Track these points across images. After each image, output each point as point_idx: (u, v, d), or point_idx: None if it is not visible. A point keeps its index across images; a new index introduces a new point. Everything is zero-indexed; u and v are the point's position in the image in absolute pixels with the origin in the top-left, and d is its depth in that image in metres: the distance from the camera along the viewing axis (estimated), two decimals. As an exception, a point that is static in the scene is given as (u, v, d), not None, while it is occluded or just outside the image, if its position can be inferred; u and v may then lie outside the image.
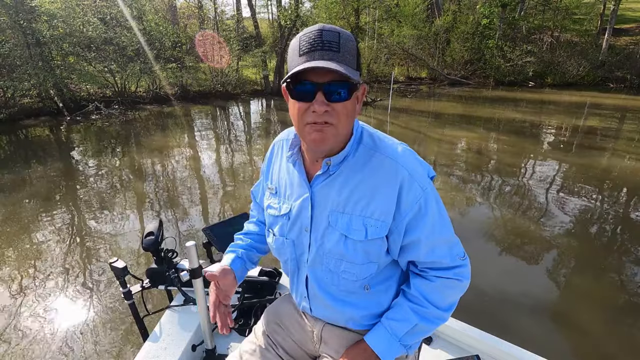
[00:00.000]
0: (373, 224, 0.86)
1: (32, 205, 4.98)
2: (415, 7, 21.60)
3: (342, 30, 0.76)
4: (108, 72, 13.41)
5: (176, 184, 5.79)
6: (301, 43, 0.76)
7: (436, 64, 21.93)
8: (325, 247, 0.92)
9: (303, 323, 1.13)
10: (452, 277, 0.92)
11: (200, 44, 15.73)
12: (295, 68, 0.74)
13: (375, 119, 10.98)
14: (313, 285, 1.00)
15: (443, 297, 0.94)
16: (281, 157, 1.02)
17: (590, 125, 10.15)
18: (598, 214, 4.65)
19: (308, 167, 0.93)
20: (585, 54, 19.88)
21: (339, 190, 0.88)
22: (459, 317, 1.46)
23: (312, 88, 0.75)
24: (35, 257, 3.70)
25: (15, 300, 3.04)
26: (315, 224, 0.92)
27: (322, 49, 0.73)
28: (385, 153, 0.87)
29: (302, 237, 0.96)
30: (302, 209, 0.93)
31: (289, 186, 0.97)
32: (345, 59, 0.75)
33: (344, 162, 0.88)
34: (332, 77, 0.74)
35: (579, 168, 6.49)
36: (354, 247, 0.88)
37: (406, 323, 0.94)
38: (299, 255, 1.00)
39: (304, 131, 0.81)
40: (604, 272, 3.45)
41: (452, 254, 0.92)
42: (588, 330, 2.73)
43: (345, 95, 0.76)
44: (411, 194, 0.85)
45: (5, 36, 11.01)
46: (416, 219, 0.86)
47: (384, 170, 0.86)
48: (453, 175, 6.17)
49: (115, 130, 10.05)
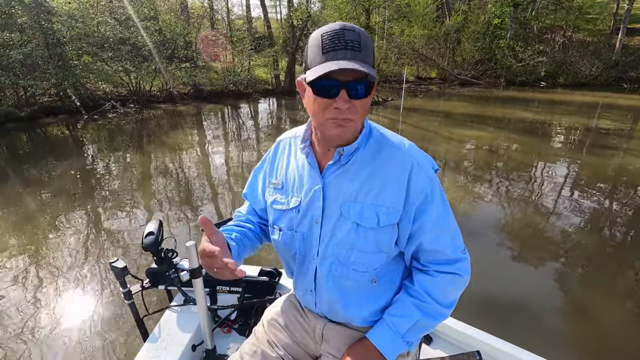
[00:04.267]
0: (385, 211, 0.89)
1: (47, 199, 5.14)
2: (426, 7, 21.56)
3: (361, 30, 0.80)
4: (123, 71, 13.69)
5: (184, 183, 5.87)
6: (324, 41, 0.78)
7: (446, 64, 21.88)
8: (336, 237, 0.93)
9: (304, 322, 1.13)
10: (454, 271, 0.94)
11: (207, 43, 15.95)
12: (321, 65, 0.77)
13: (387, 119, 11.04)
14: (321, 279, 1.00)
15: (445, 293, 0.96)
16: (289, 154, 1.04)
17: (603, 126, 10.09)
18: (611, 214, 4.68)
19: (319, 160, 0.96)
20: (599, 54, 19.65)
21: (351, 181, 0.91)
22: (461, 316, 1.48)
23: (336, 85, 0.78)
24: (38, 249, 3.76)
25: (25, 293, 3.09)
26: (327, 215, 0.94)
27: (345, 49, 0.77)
28: (394, 145, 0.93)
29: (312, 229, 0.97)
30: (313, 200, 0.95)
31: (299, 179, 0.98)
32: (366, 57, 0.78)
33: (355, 153, 0.91)
34: (354, 76, 0.78)
35: (591, 168, 6.49)
36: (365, 235, 0.90)
37: (408, 319, 0.95)
38: (308, 248, 1.00)
39: (325, 125, 0.84)
40: (620, 272, 3.46)
41: (454, 245, 0.95)
42: (602, 332, 2.72)
43: (365, 92, 0.81)
44: (419, 183, 0.89)
45: (27, 36, 11.31)
46: (423, 206, 0.90)
47: (393, 160, 0.91)
48: (464, 173, 6.23)
49: (132, 128, 10.28)
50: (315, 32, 0.82)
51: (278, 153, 1.07)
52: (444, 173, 6.19)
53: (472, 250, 0.99)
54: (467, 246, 0.99)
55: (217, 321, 1.66)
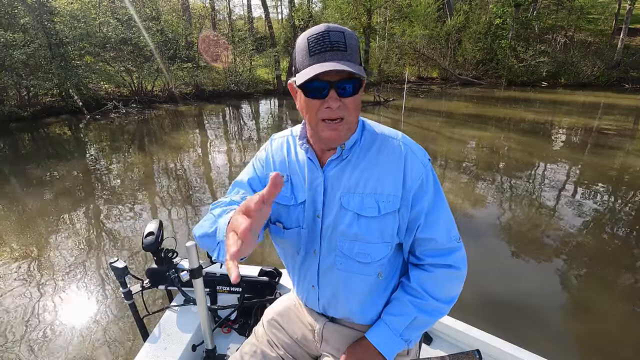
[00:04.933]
0: (384, 199, 0.91)
1: (49, 199, 5.18)
2: (427, 7, 21.58)
3: (345, 29, 0.83)
4: (125, 71, 13.72)
5: (185, 183, 5.89)
6: (310, 44, 0.81)
7: (448, 64, 21.88)
8: (338, 230, 0.94)
9: (304, 322, 1.14)
10: (449, 263, 0.95)
11: (207, 44, 15.98)
12: (310, 69, 0.79)
13: (389, 119, 11.05)
14: (324, 273, 1.00)
15: (441, 288, 0.96)
16: (288, 151, 1.04)
17: (604, 126, 10.08)
18: (613, 213, 4.69)
19: (319, 155, 0.97)
20: (600, 54, 19.65)
21: (350, 173, 0.93)
22: (460, 314, 1.48)
23: (325, 86, 0.81)
24: (39, 248, 3.80)
25: (27, 290, 3.13)
26: (327, 209, 0.95)
27: (331, 50, 0.79)
28: (388, 136, 0.96)
29: (315, 224, 0.97)
30: (315, 194, 0.96)
31: (301, 175, 0.99)
32: (352, 56, 0.81)
33: (354, 147, 0.94)
34: (342, 75, 0.80)
35: (594, 167, 6.49)
36: (367, 224, 0.91)
37: (405, 317, 0.96)
38: (311, 243, 1.00)
39: (318, 127, 0.86)
40: (623, 271, 3.47)
41: (449, 232, 0.96)
42: (603, 331, 2.73)
43: (354, 90, 0.83)
44: (415, 170, 0.92)
45: (30, 37, 11.36)
46: (419, 192, 0.92)
47: (388, 149, 0.93)
48: (466, 172, 6.24)
49: (134, 128, 10.31)
50: (302, 35, 0.84)
51: (274, 147, 1.07)
52: (445, 172, 6.20)
53: (473, 248, 1.01)
54: (468, 245, 0.99)
55: (217, 321, 1.67)
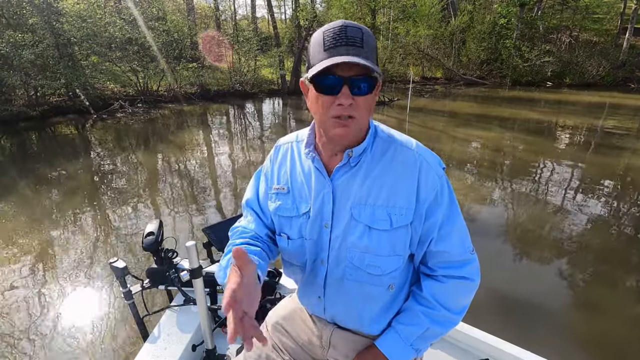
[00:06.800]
0: (397, 212, 0.87)
1: (55, 197, 5.25)
2: (431, 7, 21.57)
3: (363, 27, 0.79)
4: (131, 71, 13.83)
5: (189, 182, 5.92)
6: (325, 38, 0.77)
7: (452, 64, 21.87)
8: (347, 242, 0.90)
9: (311, 327, 1.10)
10: (463, 275, 0.92)
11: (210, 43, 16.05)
12: (322, 62, 0.75)
13: (394, 118, 11.09)
14: (332, 284, 0.96)
15: (454, 299, 0.93)
16: (292, 159, 1.00)
17: (609, 126, 10.06)
18: (619, 214, 4.70)
19: (326, 163, 0.93)
20: (605, 54, 19.59)
21: (361, 182, 0.88)
22: (469, 317, 1.48)
23: (338, 81, 0.77)
24: (41, 247, 3.84)
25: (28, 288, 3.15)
26: (337, 218, 0.91)
27: (346, 44, 0.75)
28: (402, 144, 0.91)
29: (322, 234, 0.93)
30: (323, 204, 0.92)
31: (306, 185, 0.95)
32: (368, 54, 0.77)
33: (363, 154, 0.89)
34: (356, 71, 0.76)
35: (599, 168, 6.50)
36: (379, 237, 0.88)
37: (417, 327, 0.93)
38: (318, 253, 0.96)
39: (328, 124, 0.82)
40: (630, 272, 3.48)
41: (463, 245, 0.92)
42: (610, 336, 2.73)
43: (367, 89, 0.79)
44: (429, 181, 0.87)
45: (38, 37, 11.48)
46: (433, 205, 0.88)
47: (401, 159, 0.88)
48: (470, 172, 6.26)
49: (140, 128, 10.41)
50: (318, 30, 0.81)
51: (278, 157, 1.02)
52: (450, 172, 6.22)
53: (479, 249, 0.97)
54: (475, 246, 0.97)
55: (217, 321, 1.67)
